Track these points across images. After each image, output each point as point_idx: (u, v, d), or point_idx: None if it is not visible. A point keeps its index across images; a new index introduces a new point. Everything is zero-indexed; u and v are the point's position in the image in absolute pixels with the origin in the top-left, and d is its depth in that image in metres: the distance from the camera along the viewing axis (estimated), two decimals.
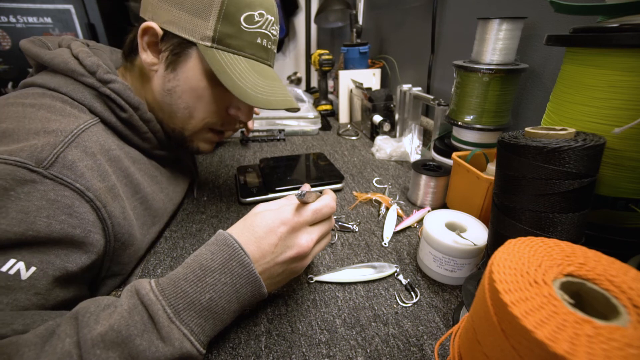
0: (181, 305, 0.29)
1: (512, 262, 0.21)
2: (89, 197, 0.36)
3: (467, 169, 0.52)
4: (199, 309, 0.30)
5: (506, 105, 0.61)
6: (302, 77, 2.07)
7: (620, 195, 0.37)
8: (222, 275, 0.31)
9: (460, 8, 0.83)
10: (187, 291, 0.30)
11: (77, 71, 0.42)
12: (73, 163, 0.35)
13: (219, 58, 0.44)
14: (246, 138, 0.97)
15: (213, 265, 0.32)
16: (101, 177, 0.39)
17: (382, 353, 0.35)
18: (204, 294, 0.30)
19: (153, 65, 0.46)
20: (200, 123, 0.50)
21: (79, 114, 0.41)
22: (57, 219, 0.33)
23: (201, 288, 0.31)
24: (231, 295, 0.32)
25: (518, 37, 0.57)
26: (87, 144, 0.39)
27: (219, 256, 0.32)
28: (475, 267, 0.42)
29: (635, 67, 0.33)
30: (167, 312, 0.29)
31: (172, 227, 0.55)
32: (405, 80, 1.11)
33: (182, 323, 0.29)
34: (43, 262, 0.32)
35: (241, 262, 0.32)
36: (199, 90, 0.47)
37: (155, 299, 0.29)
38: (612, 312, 0.18)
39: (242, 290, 0.32)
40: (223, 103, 0.50)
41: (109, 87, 0.43)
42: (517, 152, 0.32)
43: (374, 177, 0.73)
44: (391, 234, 0.53)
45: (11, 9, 1.34)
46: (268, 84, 0.48)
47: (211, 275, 0.31)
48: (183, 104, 0.48)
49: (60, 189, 0.34)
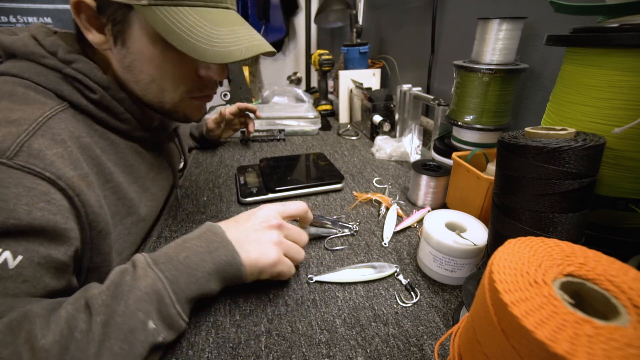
0: (161, 259, 0.35)
1: (512, 262, 0.21)
2: (60, 186, 0.35)
3: (467, 169, 0.52)
4: (175, 263, 0.35)
5: (506, 105, 0.61)
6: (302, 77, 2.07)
7: (620, 195, 0.37)
8: (198, 240, 0.37)
9: (460, 8, 0.83)
10: (167, 252, 0.36)
11: (37, 53, 0.40)
12: (40, 151, 0.34)
13: (162, 16, 0.38)
14: (246, 138, 0.97)
15: (192, 235, 0.38)
16: (73, 165, 0.37)
17: (382, 353, 0.35)
18: (181, 252, 0.36)
19: (103, 44, 0.42)
20: (176, 94, 0.46)
21: (45, 99, 0.39)
22: (36, 206, 0.32)
23: (180, 249, 0.36)
24: (205, 255, 0.36)
25: (518, 37, 0.57)
26: (55, 131, 0.37)
27: (197, 231, 0.39)
28: (475, 267, 0.42)
29: (635, 67, 0.33)
30: (147, 261, 0.34)
31: (172, 227, 0.55)
32: (405, 80, 1.11)
33: (158, 269, 0.34)
34: (28, 250, 0.31)
35: (215, 231, 0.39)
36: (156, 59, 0.42)
37: (141, 256, 0.35)
38: (612, 312, 0.18)
39: (216, 253, 0.37)
40: (189, 66, 0.45)
41: (72, 68, 0.40)
42: (517, 152, 0.32)
43: (374, 177, 0.73)
44: (391, 234, 0.53)
45: (11, 9, 1.34)
46: (227, 32, 0.41)
47: (189, 241, 0.37)
48: (148, 78, 0.44)
49: (31, 177, 0.33)
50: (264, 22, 1.99)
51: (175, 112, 0.49)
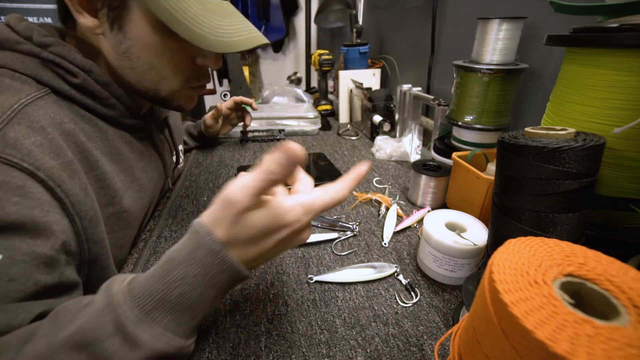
0: (149, 305, 0.27)
1: (512, 262, 0.21)
2: (39, 177, 0.33)
3: (467, 169, 0.52)
4: (170, 305, 0.28)
5: (506, 105, 0.61)
6: (302, 77, 2.07)
7: (620, 195, 0.37)
8: (189, 267, 0.28)
9: (460, 8, 0.83)
10: (155, 289, 0.28)
11: (11, 39, 0.38)
12: (17, 141, 0.32)
13: (165, 4, 0.37)
14: (246, 138, 0.97)
15: (179, 256, 0.28)
16: (55, 153, 0.35)
17: (382, 353, 0.35)
18: (172, 289, 0.28)
19: (96, 28, 0.40)
20: (174, 82, 0.45)
21: (22, 86, 0.37)
22: (9, 200, 0.30)
23: (169, 283, 0.28)
24: (205, 286, 0.29)
25: (518, 37, 0.57)
26: (33, 117, 0.35)
27: (186, 245, 0.29)
28: (475, 267, 0.42)
29: (635, 67, 0.33)
30: (134, 313, 0.27)
31: (172, 227, 0.55)
32: (405, 80, 1.11)
33: (153, 322, 0.27)
34: (8, 248, 0.30)
35: (210, 250, 0.28)
36: (157, 46, 0.41)
37: (122, 300, 0.27)
38: (612, 312, 0.18)
39: (217, 279, 0.29)
40: (187, 54, 0.44)
41: (50, 51, 0.39)
42: (517, 152, 0.32)
43: (374, 177, 0.73)
44: (391, 234, 0.53)
45: (11, 9, 1.34)
46: (228, 22, 0.41)
47: (178, 268, 0.28)
48: (146, 65, 0.43)
49: (5, 169, 0.31)
50: (264, 22, 1.99)
51: (170, 101, 0.48)
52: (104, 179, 0.43)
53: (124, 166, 0.48)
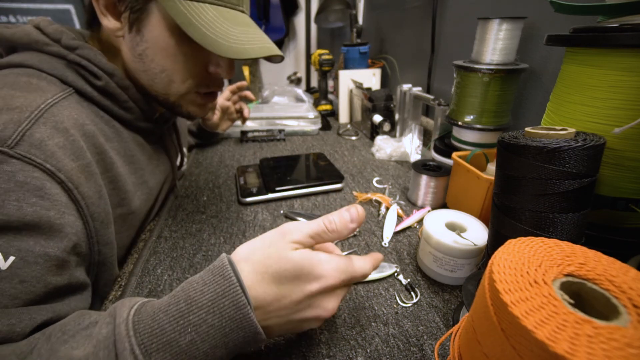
0: (154, 345, 0.24)
1: (512, 262, 0.21)
2: (60, 179, 0.34)
3: (467, 169, 0.52)
4: (176, 352, 0.25)
5: (506, 105, 0.61)
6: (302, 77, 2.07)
7: (620, 195, 0.37)
8: (209, 315, 0.25)
9: (460, 8, 0.83)
10: (164, 329, 0.25)
11: (41, 41, 0.40)
12: (42, 142, 0.33)
13: (182, 8, 0.39)
14: (246, 138, 0.97)
15: (202, 300, 0.26)
16: (75, 155, 0.36)
17: (382, 353, 0.35)
18: (184, 334, 0.25)
19: (117, 30, 0.42)
20: (182, 87, 0.46)
21: (48, 86, 0.38)
22: (27, 201, 0.31)
23: (182, 327, 0.25)
24: (217, 340, 0.25)
25: (518, 37, 0.57)
26: (58, 118, 0.36)
27: (210, 289, 0.26)
28: (475, 267, 0.42)
29: (635, 67, 0.33)
30: (134, 353, 0.24)
31: (172, 227, 0.55)
32: (405, 80, 1.11)
33: None
34: (21, 250, 0.30)
35: (235, 303, 0.26)
36: (170, 49, 0.42)
37: (125, 334, 0.25)
38: (612, 312, 0.18)
39: (233, 335, 0.26)
40: (200, 60, 0.45)
41: (77, 54, 0.40)
42: (517, 152, 0.32)
43: (374, 177, 0.73)
44: (391, 234, 0.53)
45: (11, 9, 1.34)
46: (242, 31, 0.42)
47: (197, 313, 0.25)
48: (158, 68, 0.44)
49: (29, 169, 0.32)
50: (264, 22, 1.99)
51: (179, 107, 0.49)
52: (117, 181, 0.44)
53: (136, 168, 0.49)
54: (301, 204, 0.63)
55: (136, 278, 0.44)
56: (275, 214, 0.59)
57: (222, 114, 0.88)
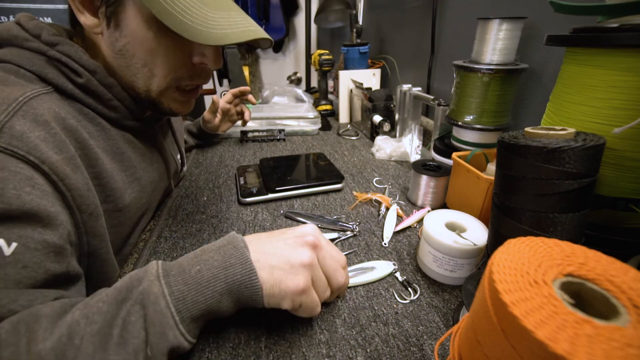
0: (173, 270, 0.32)
1: (512, 262, 0.21)
2: (44, 171, 0.34)
3: (467, 169, 0.52)
4: (186, 276, 0.32)
5: (506, 105, 0.61)
6: (302, 77, 2.07)
7: (620, 195, 0.37)
8: (216, 253, 0.33)
9: (460, 8, 0.83)
10: (182, 263, 0.33)
11: (20, 36, 0.39)
12: (23, 134, 0.33)
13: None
14: (246, 138, 0.97)
15: (212, 246, 0.35)
16: (58, 147, 0.36)
17: (382, 353, 0.35)
18: (195, 265, 0.32)
19: (95, 27, 0.41)
20: (163, 81, 0.44)
21: (26, 83, 0.38)
22: (23, 190, 0.31)
23: (194, 262, 0.33)
24: (219, 271, 0.32)
25: (518, 37, 0.57)
26: (38, 111, 0.35)
27: (219, 242, 0.35)
28: (475, 267, 0.42)
29: (635, 67, 0.33)
30: (158, 272, 0.32)
31: (172, 227, 0.55)
32: (405, 80, 1.11)
33: (165, 283, 0.31)
34: (22, 237, 0.31)
35: (235, 244, 0.34)
36: (150, 42, 0.41)
37: (155, 265, 0.32)
38: (612, 312, 0.18)
39: (231, 270, 0.32)
40: (183, 52, 0.43)
41: (57, 50, 0.40)
42: (517, 152, 0.32)
43: (374, 177, 0.73)
44: (391, 234, 0.53)
45: (11, 9, 1.34)
46: (223, 15, 0.40)
47: (207, 253, 0.34)
48: (140, 63, 0.42)
49: (13, 162, 0.32)
50: (264, 22, 1.99)
51: (160, 103, 0.47)
52: (102, 177, 0.43)
53: (126, 165, 0.48)
54: (301, 204, 0.63)
55: None
56: (275, 214, 0.59)
57: (222, 116, 0.87)
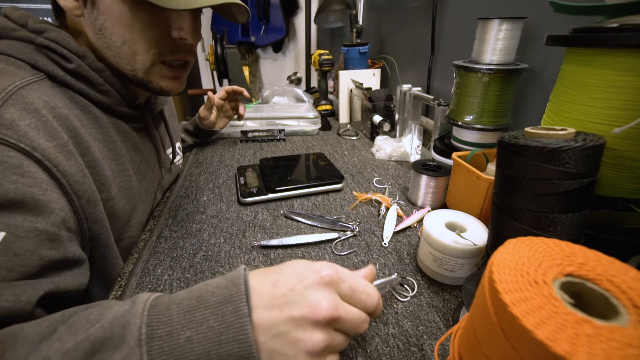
0: (159, 332, 0.25)
1: (512, 262, 0.21)
2: (36, 157, 0.34)
3: (467, 169, 0.52)
4: (174, 345, 0.24)
5: (506, 105, 0.61)
6: (302, 77, 2.07)
7: (620, 195, 0.37)
8: (212, 316, 0.25)
9: (460, 8, 0.83)
10: (172, 319, 0.25)
11: (7, 27, 0.40)
12: (12, 122, 0.33)
13: None
14: (246, 138, 0.97)
15: (210, 301, 0.26)
16: (49, 135, 0.36)
17: (382, 353, 0.35)
18: (185, 329, 0.25)
19: (75, 9, 0.41)
20: (146, 57, 0.44)
21: (16, 70, 0.38)
22: (8, 179, 0.31)
23: (186, 321, 0.25)
24: (211, 346, 0.25)
25: (518, 37, 0.57)
26: (27, 100, 0.36)
27: (221, 292, 0.27)
28: (475, 267, 0.42)
29: (635, 67, 0.33)
30: (140, 332, 0.24)
31: (172, 227, 0.55)
32: (405, 80, 1.11)
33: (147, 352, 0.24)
34: (10, 225, 0.31)
35: (237, 310, 0.25)
36: (126, 17, 0.41)
37: (140, 312, 0.25)
38: (612, 312, 0.18)
39: (226, 347, 0.25)
40: (160, 25, 0.43)
41: (45, 37, 0.40)
42: (517, 152, 0.32)
43: (374, 177, 0.73)
44: (391, 234, 0.53)
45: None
46: None
47: (202, 312, 0.26)
48: (119, 40, 0.42)
49: (3, 149, 0.32)
50: (264, 22, 1.99)
51: (149, 82, 0.47)
52: (95, 166, 0.43)
53: (116, 155, 0.48)
54: (301, 204, 0.63)
55: (136, 278, 0.44)
56: (275, 214, 0.59)
57: (218, 112, 0.88)
